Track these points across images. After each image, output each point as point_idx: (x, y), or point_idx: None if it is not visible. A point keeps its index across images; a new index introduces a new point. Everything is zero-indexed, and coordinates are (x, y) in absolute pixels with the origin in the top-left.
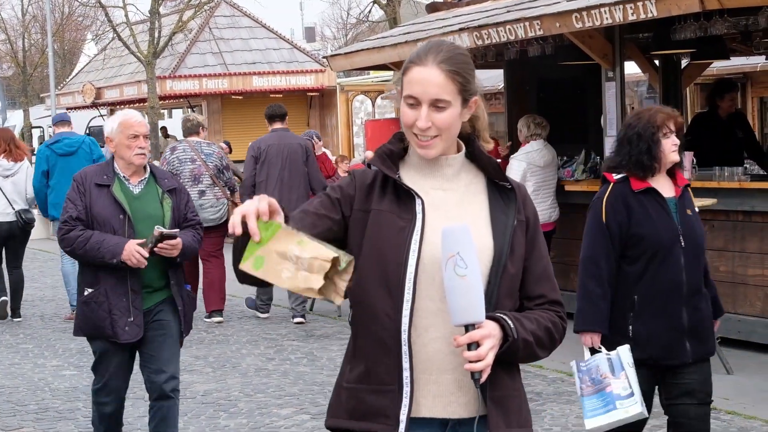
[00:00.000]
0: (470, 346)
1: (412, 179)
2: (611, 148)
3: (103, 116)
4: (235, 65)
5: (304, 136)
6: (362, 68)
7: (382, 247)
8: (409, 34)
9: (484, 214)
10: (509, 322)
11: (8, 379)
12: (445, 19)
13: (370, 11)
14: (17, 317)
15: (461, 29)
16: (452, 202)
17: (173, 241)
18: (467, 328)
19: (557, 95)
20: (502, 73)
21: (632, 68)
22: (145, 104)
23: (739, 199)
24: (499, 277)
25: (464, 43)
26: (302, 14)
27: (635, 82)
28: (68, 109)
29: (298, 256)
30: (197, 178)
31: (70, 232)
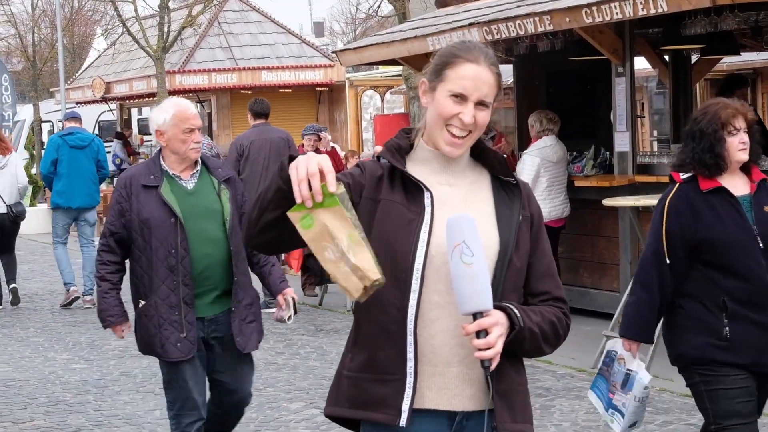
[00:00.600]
0: (479, 334)
1: (419, 174)
2: (620, 143)
3: (112, 111)
4: (244, 60)
5: (308, 130)
6: (371, 63)
7: (390, 237)
8: (418, 29)
9: (489, 210)
10: (516, 311)
11: (19, 372)
12: (454, 14)
13: (379, 6)
14: (13, 284)
15: (471, 24)
16: (458, 197)
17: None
18: (475, 316)
19: (567, 90)
20: (511, 68)
21: (642, 63)
22: (154, 99)
23: None
24: (504, 270)
25: (474, 37)
26: (311, 9)
27: (645, 77)
28: (78, 103)
29: (344, 253)
30: None
31: (98, 253)
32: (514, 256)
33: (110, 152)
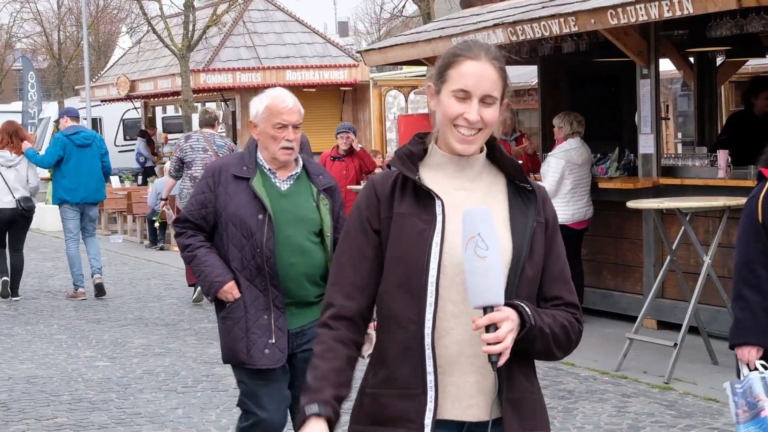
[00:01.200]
0: (488, 328)
1: (433, 179)
2: (644, 145)
3: (137, 109)
4: (268, 59)
5: (341, 128)
6: (396, 63)
7: (403, 250)
8: (443, 29)
9: (504, 215)
10: (527, 309)
11: (42, 369)
12: (479, 14)
13: (404, 6)
14: (16, 297)
15: (495, 25)
16: (473, 201)
17: None
18: (485, 311)
19: (591, 92)
20: (536, 69)
21: (667, 65)
22: (178, 97)
23: None
24: (517, 278)
25: (498, 38)
26: (335, 9)
27: (669, 79)
28: (102, 101)
29: None
30: None
31: (179, 235)
32: (527, 264)
33: (135, 150)
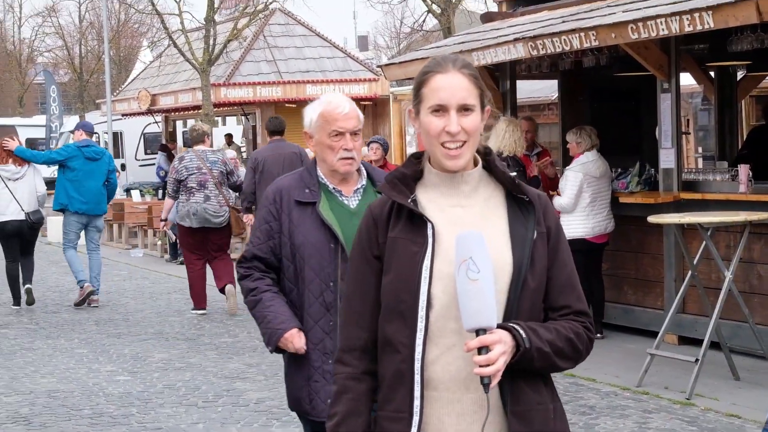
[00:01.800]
0: (480, 350)
1: (429, 199)
2: (665, 159)
3: (157, 123)
4: (289, 73)
5: (372, 139)
6: None
7: (396, 273)
8: (463, 43)
9: (503, 228)
10: (521, 331)
11: (63, 383)
12: (499, 29)
13: (424, 20)
14: (29, 284)
15: (516, 39)
16: (471, 218)
17: None
18: (478, 333)
19: (611, 106)
20: (556, 83)
21: (687, 80)
22: (199, 111)
23: None
24: (518, 291)
25: (519, 53)
26: (355, 23)
27: (690, 93)
28: (123, 115)
29: None
30: (203, 184)
31: (244, 278)
32: (528, 276)
33: (155, 164)
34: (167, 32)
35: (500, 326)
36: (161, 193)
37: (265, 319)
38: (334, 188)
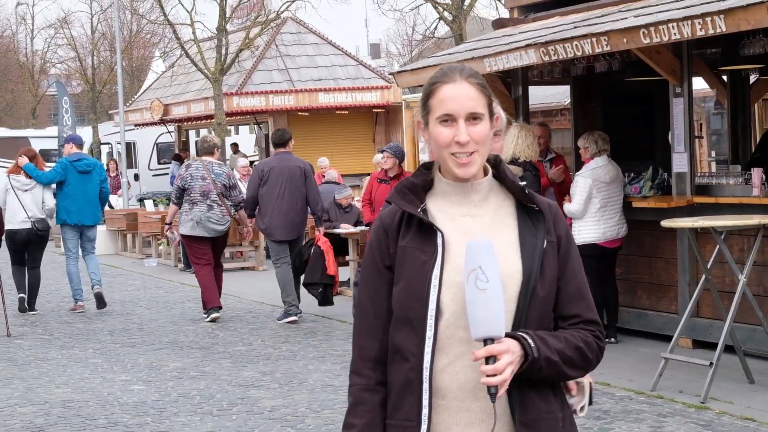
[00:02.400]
0: (488, 360)
1: (439, 208)
2: (678, 164)
3: (170, 132)
4: (301, 82)
5: (385, 147)
6: None
7: (405, 283)
8: (475, 50)
9: (513, 238)
10: (529, 341)
11: (78, 393)
12: (511, 35)
13: (435, 27)
14: (33, 311)
15: (528, 45)
16: (481, 228)
17: None
18: (486, 342)
19: (624, 111)
20: (568, 89)
21: (700, 84)
22: (211, 121)
23: None
24: (528, 300)
25: (531, 59)
26: (367, 31)
27: (703, 97)
28: (136, 125)
29: None
30: (206, 194)
31: None
32: (538, 285)
33: (168, 174)
34: (179, 42)
35: (509, 335)
36: None
37: None
38: None
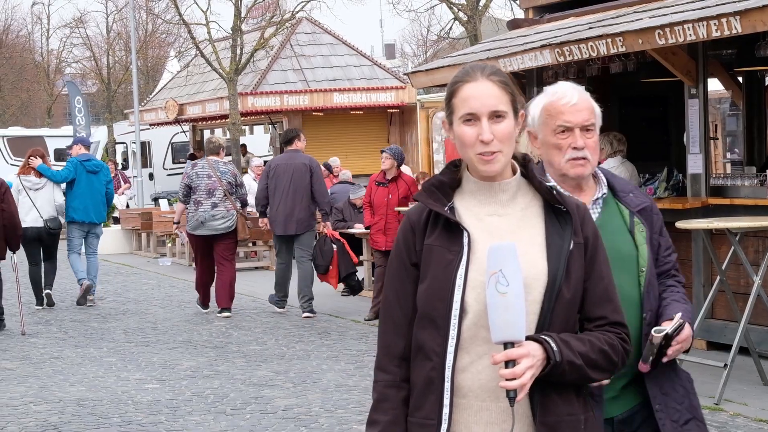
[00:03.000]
0: (507, 363)
1: (466, 207)
2: (693, 165)
3: (185, 132)
4: (316, 82)
5: (387, 149)
6: (443, 85)
7: (430, 281)
8: (490, 51)
9: (539, 239)
10: (552, 344)
11: (92, 391)
12: (526, 35)
13: (450, 28)
14: (49, 290)
15: (543, 46)
16: (507, 227)
17: (682, 335)
18: (506, 346)
19: (639, 112)
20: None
21: (715, 85)
22: (226, 120)
23: None
24: (553, 302)
25: (546, 59)
26: (382, 31)
27: (718, 99)
28: (151, 125)
29: None
30: (211, 191)
31: None
32: (563, 287)
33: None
34: (194, 42)
35: (531, 338)
36: None
37: None
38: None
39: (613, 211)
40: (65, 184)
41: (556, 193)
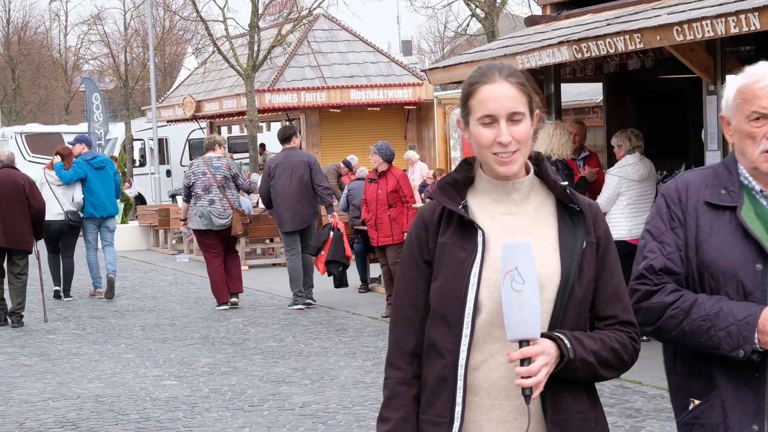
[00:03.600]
0: (522, 361)
1: (480, 205)
2: (711, 162)
3: (202, 129)
4: (333, 78)
5: (374, 146)
6: (460, 82)
7: (444, 279)
8: (507, 47)
9: (552, 237)
10: (566, 341)
11: (110, 388)
12: (544, 32)
13: (467, 24)
14: (68, 297)
15: (560, 42)
16: (521, 226)
17: None
18: (521, 344)
19: (657, 109)
20: (600, 86)
21: None
22: (244, 117)
23: None
24: (565, 300)
25: (563, 56)
26: (399, 28)
27: None
28: (168, 121)
29: None
30: (207, 188)
31: (651, 296)
32: (576, 285)
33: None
34: (212, 39)
35: (545, 335)
36: None
37: (717, 316)
38: (762, 191)
39: None
40: (80, 181)
41: (569, 192)
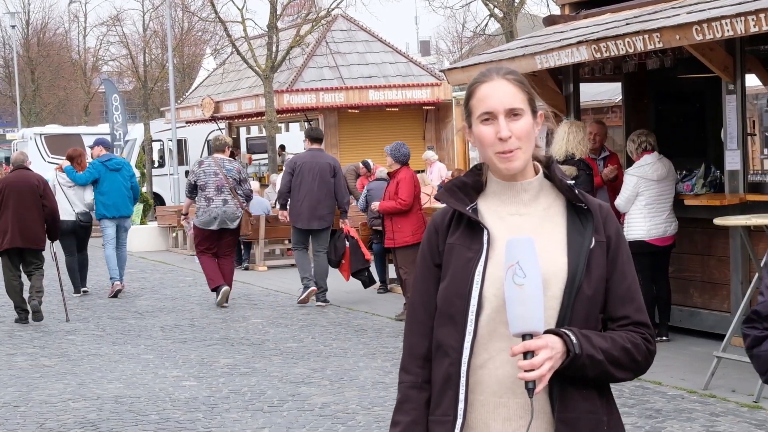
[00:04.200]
0: (526, 355)
1: (489, 207)
2: (731, 161)
3: (221, 129)
4: (351, 79)
5: (387, 148)
6: None
7: (450, 279)
8: (526, 47)
9: (560, 236)
10: (572, 337)
11: (130, 389)
12: (562, 32)
13: (486, 24)
14: (85, 288)
15: (579, 42)
16: (529, 226)
17: None
18: (524, 338)
19: (676, 108)
20: (620, 86)
21: (753, 81)
22: (262, 118)
23: None
24: (572, 298)
25: (582, 56)
26: (417, 28)
27: (755, 95)
28: (187, 122)
29: None
30: (220, 188)
31: (761, 342)
32: (584, 283)
33: None
34: (230, 40)
35: (551, 331)
36: None
37: None
38: None
39: None
40: (93, 183)
41: (577, 192)
